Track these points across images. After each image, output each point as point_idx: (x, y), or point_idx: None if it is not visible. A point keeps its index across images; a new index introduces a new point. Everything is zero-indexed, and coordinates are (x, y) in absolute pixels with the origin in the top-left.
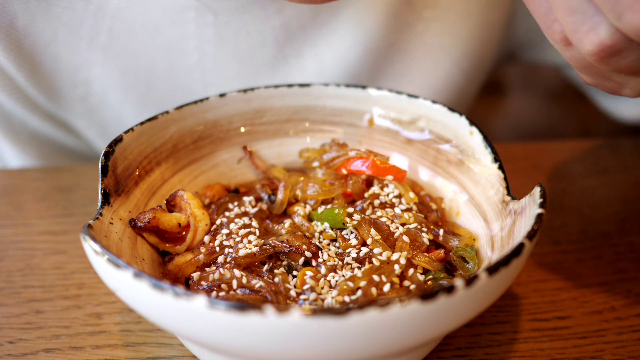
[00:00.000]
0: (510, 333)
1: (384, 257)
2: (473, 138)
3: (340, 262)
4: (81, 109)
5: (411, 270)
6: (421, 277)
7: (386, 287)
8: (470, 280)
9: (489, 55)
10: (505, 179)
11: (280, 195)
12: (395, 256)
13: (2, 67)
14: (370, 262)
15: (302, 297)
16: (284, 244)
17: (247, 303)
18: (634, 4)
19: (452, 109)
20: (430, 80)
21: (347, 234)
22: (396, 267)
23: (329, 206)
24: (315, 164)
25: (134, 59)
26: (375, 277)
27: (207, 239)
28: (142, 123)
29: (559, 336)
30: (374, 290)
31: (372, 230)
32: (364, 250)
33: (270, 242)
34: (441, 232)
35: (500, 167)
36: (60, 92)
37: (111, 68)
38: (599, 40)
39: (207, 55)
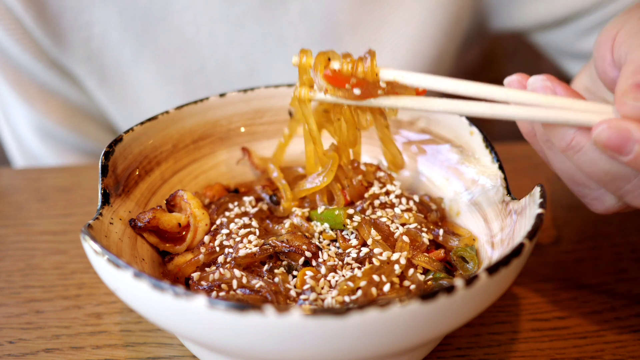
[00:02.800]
0: (510, 333)
1: (384, 257)
2: (473, 138)
3: (340, 262)
4: (83, 53)
5: (411, 270)
6: (421, 277)
7: (386, 287)
8: (470, 280)
9: (464, 11)
10: (505, 179)
11: (283, 203)
12: (395, 256)
13: (11, 8)
14: (371, 262)
15: (302, 297)
16: (284, 244)
17: (247, 303)
18: (634, 190)
19: None
20: (407, 29)
21: (347, 234)
22: (396, 267)
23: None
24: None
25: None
26: (375, 277)
27: (207, 239)
28: (142, 123)
29: (559, 336)
30: (374, 290)
31: (373, 231)
32: (364, 250)
33: (270, 242)
34: (441, 232)
35: (500, 167)
36: (64, 36)
37: (110, 9)
38: (604, 208)
39: None
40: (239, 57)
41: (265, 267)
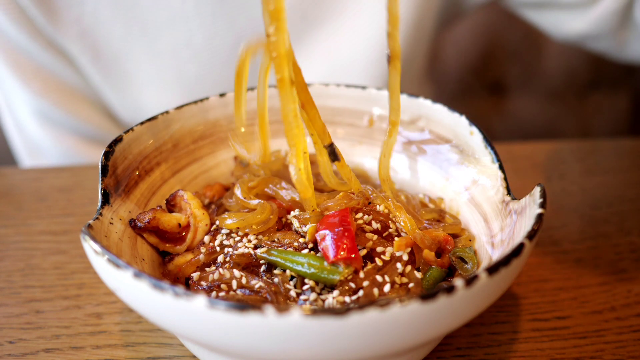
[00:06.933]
0: (510, 333)
1: (387, 256)
2: (473, 138)
3: None
4: (76, 30)
5: (408, 267)
6: (418, 275)
7: (386, 288)
8: (470, 280)
9: None
10: (505, 179)
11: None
12: (398, 253)
13: None
14: (373, 262)
15: (302, 297)
16: (275, 243)
17: (247, 303)
18: None
19: (452, 109)
20: None
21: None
22: (398, 265)
23: None
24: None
25: None
26: (379, 278)
27: (207, 239)
28: (142, 123)
29: (559, 336)
30: (376, 291)
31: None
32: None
33: (263, 242)
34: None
35: (500, 167)
36: (57, 13)
37: None
38: None
39: None
40: (225, 28)
41: (263, 267)
